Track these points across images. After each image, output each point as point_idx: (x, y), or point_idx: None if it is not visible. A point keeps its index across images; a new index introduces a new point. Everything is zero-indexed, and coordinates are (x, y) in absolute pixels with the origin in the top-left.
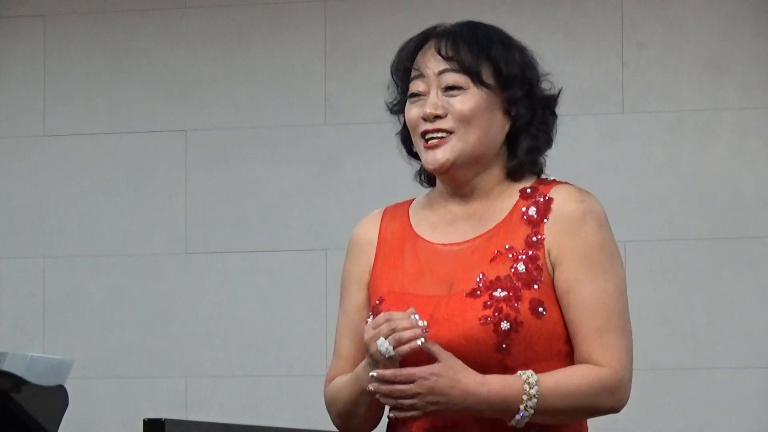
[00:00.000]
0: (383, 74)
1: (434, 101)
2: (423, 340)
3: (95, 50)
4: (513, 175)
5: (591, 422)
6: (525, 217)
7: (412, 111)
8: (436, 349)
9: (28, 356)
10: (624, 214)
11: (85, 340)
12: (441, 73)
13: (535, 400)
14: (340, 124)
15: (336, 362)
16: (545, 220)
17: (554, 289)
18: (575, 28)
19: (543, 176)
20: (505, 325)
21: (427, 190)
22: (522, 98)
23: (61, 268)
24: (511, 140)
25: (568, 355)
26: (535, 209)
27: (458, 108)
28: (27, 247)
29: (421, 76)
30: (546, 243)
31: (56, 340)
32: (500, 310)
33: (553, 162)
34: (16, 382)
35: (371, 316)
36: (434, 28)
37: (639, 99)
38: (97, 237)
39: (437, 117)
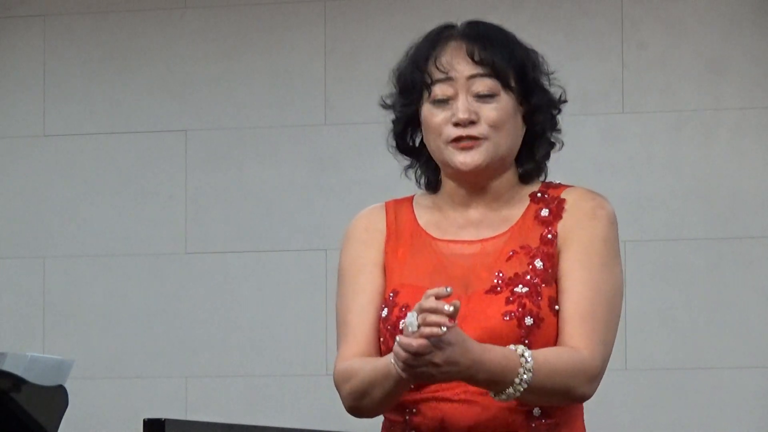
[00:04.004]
0: (383, 74)
1: (467, 106)
2: (446, 328)
3: (95, 50)
4: (525, 178)
5: (590, 422)
6: (538, 218)
7: (439, 116)
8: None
9: (28, 356)
10: (624, 214)
11: (85, 340)
12: (471, 77)
13: (530, 374)
14: (340, 124)
15: (352, 341)
16: (559, 220)
17: None
18: (575, 28)
19: (547, 180)
20: (528, 321)
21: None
22: (542, 104)
23: (61, 268)
24: (524, 144)
25: None
26: (547, 211)
27: (491, 115)
28: (27, 247)
29: (448, 79)
30: (558, 239)
31: (56, 340)
32: (523, 306)
33: (553, 162)
34: (16, 382)
35: (385, 309)
36: (450, 26)
37: (639, 99)
38: (97, 237)
39: (470, 122)
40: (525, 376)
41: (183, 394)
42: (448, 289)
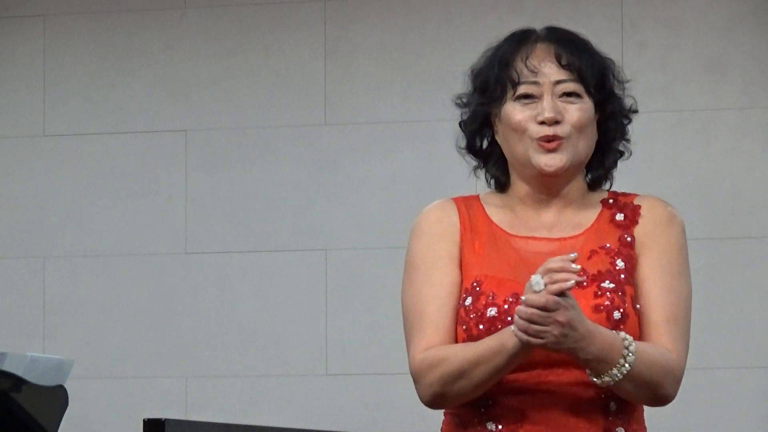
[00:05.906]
0: (383, 74)
1: (552, 105)
2: (573, 282)
3: (95, 50)
4: (593, 185)
5: None
6: (614, 222)
7: (523, 113)
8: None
9: (28, 356)
10: None
11: (85, 340)
12: (559, 82)
13: (632, 357)
14: (340, 124)
15: (433, 332)
16: (635, 225)
17: None
18: (575, 28)
19: (613, 189)
20: (617, 315)
21: (481, 189)
22: (616, 112)
23: (61, 268)
24: (594, 151)
25: None
26: (623, 215)
27: (575, 115)
28: (27, 247)
29: (535, 82)
30: (636, 244)
31: (56, 340)
32: (612, 300)
33: None
34: (16, 382)
35: (469, 298)
36: (532, 30)
37: (639, 99)
38: (97, 237)
39: (555, 122)
40: (629, 358)
41: (183, 394)
42: (574, 254)
